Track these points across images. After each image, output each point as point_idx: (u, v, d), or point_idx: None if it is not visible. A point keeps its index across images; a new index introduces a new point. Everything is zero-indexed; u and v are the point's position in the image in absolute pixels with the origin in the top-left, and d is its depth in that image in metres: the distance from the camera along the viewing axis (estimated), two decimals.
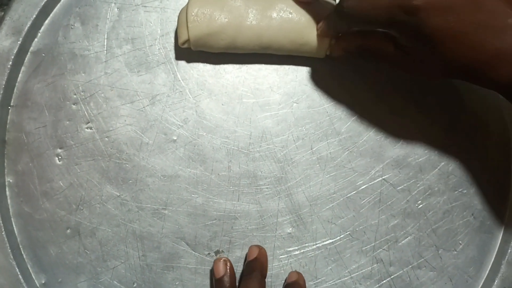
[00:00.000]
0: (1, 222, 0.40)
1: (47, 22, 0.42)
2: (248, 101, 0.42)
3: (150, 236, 0.41)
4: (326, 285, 0.41)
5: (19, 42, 0.41)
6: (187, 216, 0.41)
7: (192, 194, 0.41)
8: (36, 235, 0.41)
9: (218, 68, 0.42)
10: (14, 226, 0.41)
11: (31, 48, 0.42)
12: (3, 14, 0.42)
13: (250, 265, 0.39)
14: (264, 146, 0.42)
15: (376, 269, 0.41)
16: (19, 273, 0.39)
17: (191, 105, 0.42)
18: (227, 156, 0.42)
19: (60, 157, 0.41)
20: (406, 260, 0.41)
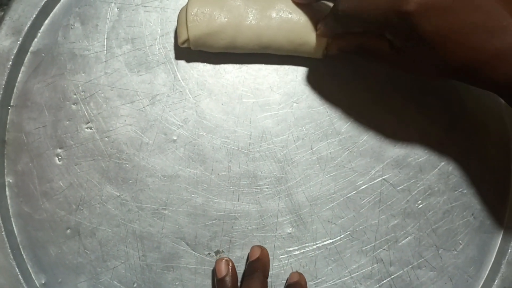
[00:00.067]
0: (1, 222, 0.40)
1: (47, 22, 0.42)
2: (248, 101, 0.42)
3: (150, 236, 0.41)
4: (326, 285, 0.41)
5: (19, 42, 0.41)
6: (187, 216, 0.41)
7: (192, 194, 0.41)
8: (36, 235, 0.41)
9: (218, 68, 0.42)
10: (14, 226, 0.41)
11: (31, 48, 0.42)
12: (3, 14, 0.42)
13: (252, 265, 0.39)
14: (264, 146, 0.42)
15: (376, 269, 0.41)
16: (19, 273, 0.39)
17: (191, 105, 0.42)
18: (227, 156, 0.42)
19: (60, 157, 0.41)
20: (406, 260, 0.41)
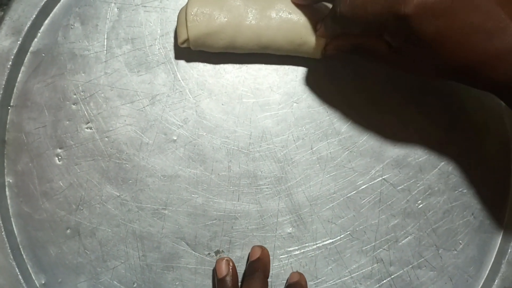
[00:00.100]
0: (1, 222, 0.40)
1: (47, 22, 0.42)
2: (248, 101, 0.42)
3: (150, 236, 0.41)
4: (327, 285, 0.41)
5: (19, 42, 0.41)
6: (187, 216, 0.41)
7: (192, 194, 0.41)
8: (36, 235, 0.41)
9: (218, 68, 0.42)
10: (14, 226, 0.41)
11: (31, 48, 0.42)
12: (2, 14, 0.42)
13: (252, 265, 0.39)
14: (264, 146, 0.42)
15: (376, 269, 0.41)
16: (19, 273, 0.39)
17: (191, 105, 0.42)
18: (227, 156, 0.42)
19: (60, 157, 0.41)
20: (406, 259, 0.41)
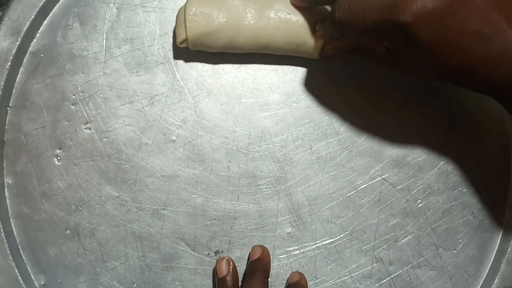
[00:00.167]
0: (0, 223, 0.40)
1: (45, 22, 0.42)
2: (247, 101, 0.42)
3: (149, 237, 0.41)
4: (326, 284, 0.41)
5: (17, 43, 0.41)
6: (187, 216, 0.41)
7: (192, 194, 0.41)
8: (35, 236, 0.41)
9: (217, 68, 0.42)
10: (13, 227, 0.41)
11: (30, 49, 0.42)
12: (1, 14, 0.42)
13: (253, 265, 0.39)
14: (263, 146, 0.42)
15: (376, 268, 0.41)
16: (18, 274, 0.39)
17: (190, 105, 0.42)
18: (226, 156, 0.42)
19: (59, 157, 0.41)
20: (406, 259, 0.41)
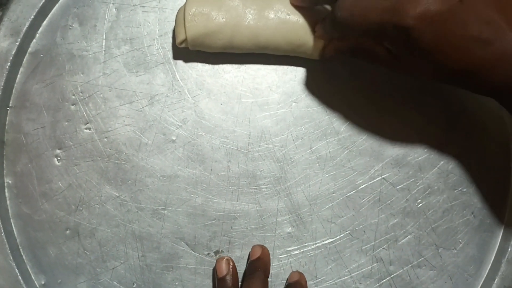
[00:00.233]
0: (0, 223, 0.40)
1: (45, 23, 0.42)
2: (247, 100, 0.42)
3: (149, 237, 0.41)
4: (326, 284, 0.41)
5: (17, 43, 0.41)
6: (187, 216, 0.41)
7: (192, 194, 0.41)
8: (35, 236, 0.41)
9: (217, 68, 0.42)
10: (14, 227, 0.41)
11: (30, 49, 0.42)
12: (1, 14, 0.42)
13: (253, 264, 0.39)
14: (263, 145, 0.42)
15: (376, 268, 0.41)
16: (18, 274, 0.39)
17: (190, 105, 0.42)
18: (226, 156, 0.41)
19: (59, 158, 0.41)
20: (406, 259, 0.41)
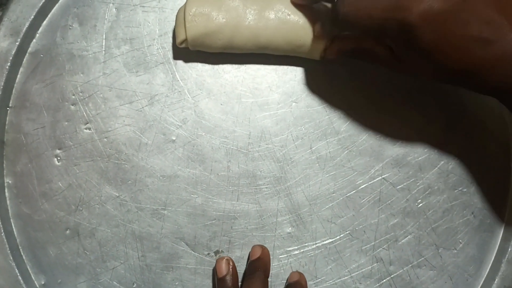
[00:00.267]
0: (0, 223, 0.40)
1: (45, 23, 0.42)
2: (247, 100, 0.42)
3: (149, 237, 0.41)
4: (326, 284, 0.41)
5: (17, 43, 0.41)
6: (187, 216, 0.41)
7: (192, 194, 0.41)
8: (35, 236, 0.41)
9: (217, 68, 0.42)
10: (14, 227, 0.41)
11: (29, 49, 0.42)
12: (1, 14, 0.42)
13: (253, 264, 0.39)
14: (263, 145, 0.42)
15: (376, 268, 0.41)
16: (18, 274, 0.39)
17: (190, 105, 0.42)
18: (226, 156, 0.41)
19: (59, 158, 0.41)
20: (406, 259, 0.41)
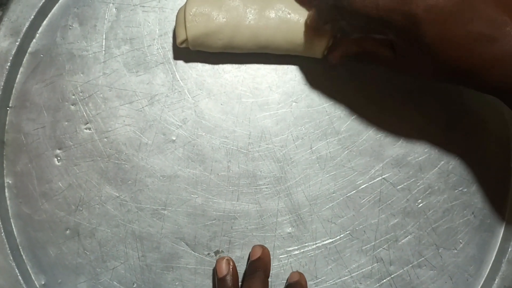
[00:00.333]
0: (0, 223, 0.40)
1: (45, 23, 0.42)
2: (247, 100, 0.42)
3: (149, 237, 0.41)
4: (326, 284, 0.41)
5: (17, 43, 0.41)
6: (187, 216, 0.41)
7: (192, 194, 0.41)
8: (35, 236, 0.41)
9: (217, 68, 0.42)
10: (14, 227, 0.41)
11: (29, 49, 0.42)
12: (1, 14, 0.42)
13: (253, 264, 0.39)
14: (263, 145, 0.42)
15: (376, 268, 0.41)
16: (18, 274, 0.39)
17: (190, 105, 0.42)
18: (226, 156, 0.41)
19: (59, 158, 0.41)
20: (406, 259, 0.41)
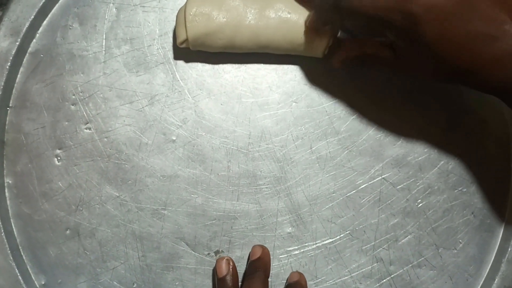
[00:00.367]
0: (0, 223, 0.40)
1: (45, 22, 0.42)
2: (247, 100, 0.42)
3: (149, 237, 0.41)
4: (326, 284, 0.41)
5: (17, 43, 0.41)
6: (187, 216, 0.41)
7: (192, 194, 0.41)
8: (35, 236, 0.41)
9: (217, 68, 0.42)
10: (14, 227, 0.41)
11: (30, 49, 0.42)
12: (1, 14, 0.42)
13: (253, 264, 0.39)
14: (263, 145, 0.42)
15: (376, 268, 0.41)
16: (18, 274, 0.39)
17: (190, 105, 0.42)
18: (226, 156, 0.41)
19: (59, 158, 0.41)
20: (406, 259, 0.41)
